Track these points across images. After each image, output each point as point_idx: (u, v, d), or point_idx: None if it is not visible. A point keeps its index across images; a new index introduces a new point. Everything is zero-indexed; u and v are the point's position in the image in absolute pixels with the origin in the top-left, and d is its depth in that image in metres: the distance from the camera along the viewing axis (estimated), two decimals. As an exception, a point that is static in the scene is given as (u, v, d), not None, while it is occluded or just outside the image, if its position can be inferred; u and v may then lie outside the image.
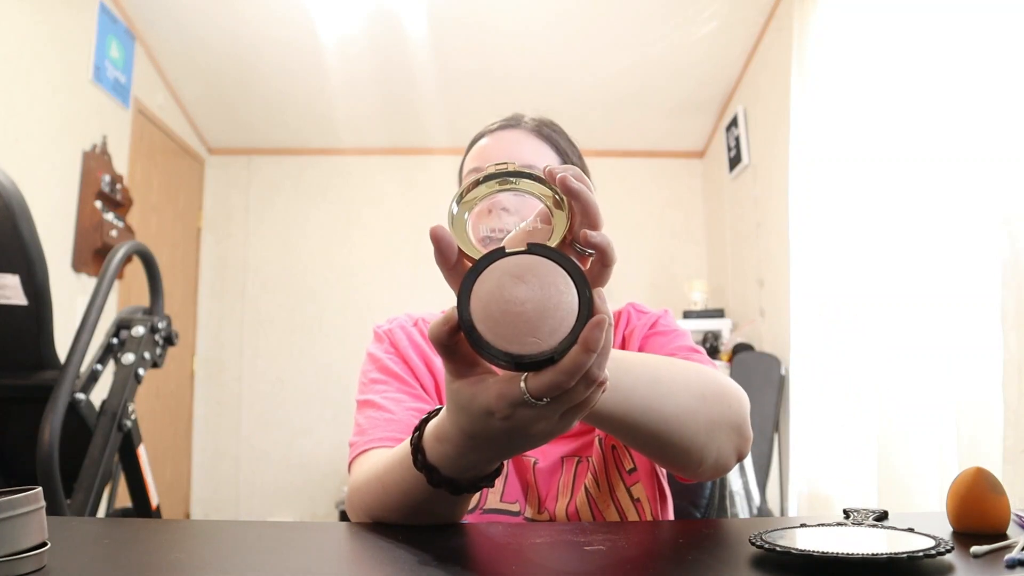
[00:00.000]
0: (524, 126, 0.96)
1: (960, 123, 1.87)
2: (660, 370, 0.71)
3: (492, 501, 0.80)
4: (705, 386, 0.73)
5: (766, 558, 0.53)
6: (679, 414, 0.69)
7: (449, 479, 0.61)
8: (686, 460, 0.72)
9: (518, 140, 0.94)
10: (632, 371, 0.68)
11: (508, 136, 0.94)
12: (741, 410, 0.75)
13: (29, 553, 0.49)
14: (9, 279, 1.39)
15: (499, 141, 0.94)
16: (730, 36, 3.60)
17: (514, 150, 0.92)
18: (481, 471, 0.61)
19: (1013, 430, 1.51)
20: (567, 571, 0.56)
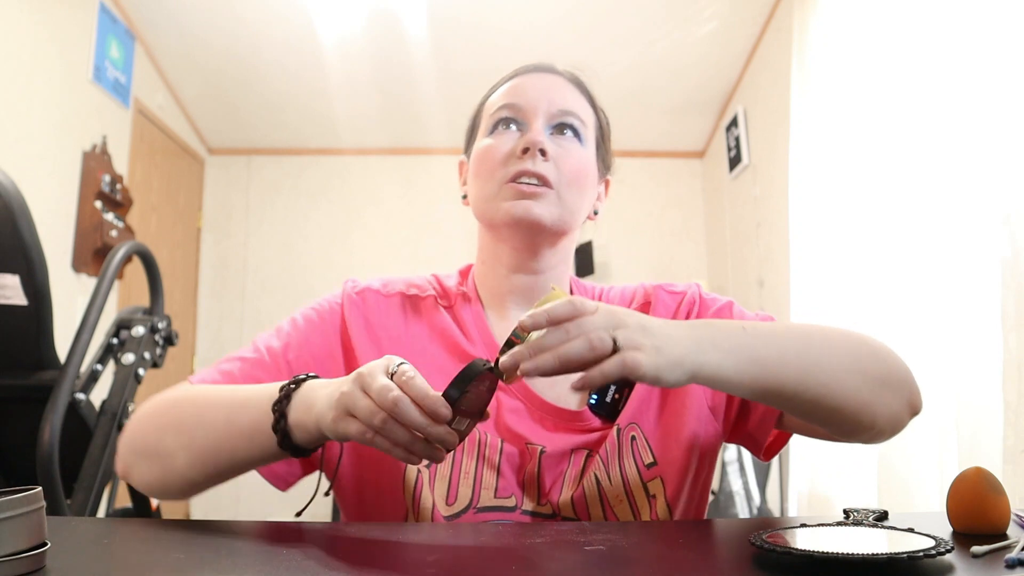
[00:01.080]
0: (561, 74, 0.90)
1: (960, 122, 1.87)
2: (810, 337, 0.70)
3: (486, 498, 0.76)
4: (858, 346, 0.73)
5: (766, 558, 0.53)
6: (839, 377, 0.69)
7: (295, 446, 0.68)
8: (856, 423, 0.71)
9: (557, 85, 0.88)
10: (776, 341, 0.67)
11: (547, 79, 0.88)
12: (900, 364, 0.74)
13: (29, 553, 0.49)
14: (9, 279, 1.39)
15: (539, 81, 0.87)
16: (730, 36, 3.60)
17: (555, 95, 0.86)
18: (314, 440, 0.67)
19: (1013, 430, 1.51)
20: (567, 571, 0.56)
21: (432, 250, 4.33)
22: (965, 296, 1.84)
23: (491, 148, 0.84)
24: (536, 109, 0.84)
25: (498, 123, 0.85)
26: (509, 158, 0.83)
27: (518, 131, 0.84)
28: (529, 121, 0.84)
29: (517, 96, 0.86)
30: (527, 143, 0.82)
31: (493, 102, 0.88)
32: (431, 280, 0.92)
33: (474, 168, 0.86)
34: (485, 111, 0.90)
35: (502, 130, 0.85)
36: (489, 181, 0.83)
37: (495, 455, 0.78)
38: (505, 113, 0.85)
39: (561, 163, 0.83)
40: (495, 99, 0.88)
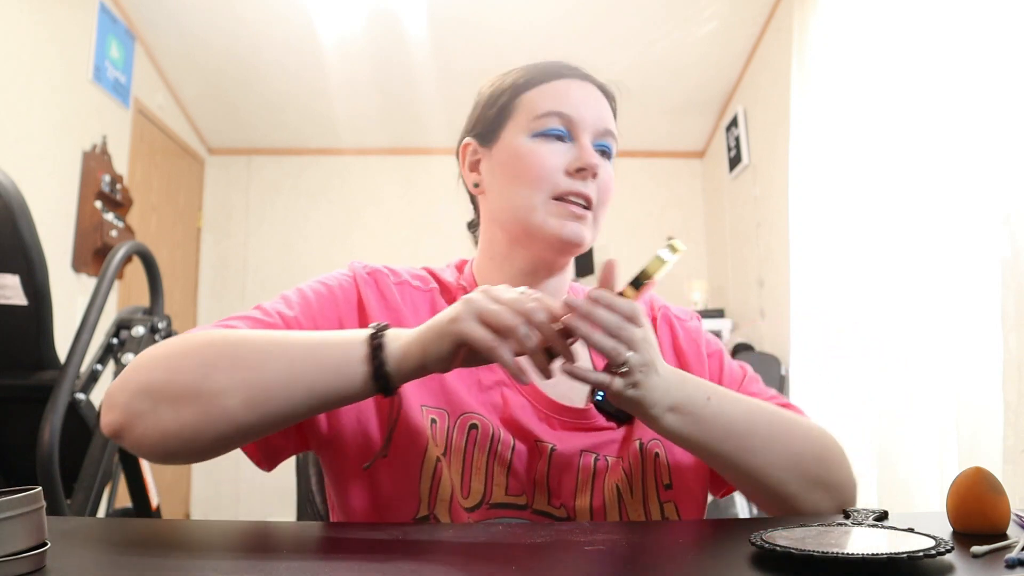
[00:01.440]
0: (599, 86, 0.89)
1: (960, 122, 1.87)
2: (761, 424, 0.77)
3: (498, 495, 0.76)
4: (805, 443, 0.79)
5: (766, 558, 0.53)
6: (772, 466, 0.76)
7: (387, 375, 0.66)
8: (778, 506, 0.78)
9: (600, 100, 0.87)
10: (729, 419, 0.74)
11: (592, 91, 0.86)
12: (841, 472, 0.81)
13: (29, 553, 0.49)
14: (9, 279, 1.39)
15: (586, 93, 0.85)
16: (730, 36, 3.60)
17: (601, 112, 0.85)
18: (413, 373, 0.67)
19: (1013, 430, 1.51)
20: (567, 571, 0.56)
21: (432, 250, 4.33)
22: (965, 296, 1.84)
23: (538, 156, 0.82)
24: (585, 124, 0.83)
25: (546, 130, 0.82)
26: (558, 173, 0.81)
27: (563, 143, 0.82)
28: (577, 136, 0.82)
29: (567, 106, 0.83)
30: (584, 163, 0.80)
31: (536, 103, 0.84)
32: (424, 275, 0.91)
33: (512, 170, 0.83)
34: (523, 106, 0.85)
35: (550, 139, 0.82)
36: (534, 191, 0.81)
37: (507, 452, 0.78)
38: (555, 123, 0.82)
39: (602, 186, 0.84)
40: (538, 100, 0.84)
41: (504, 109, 0.86)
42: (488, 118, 0.88)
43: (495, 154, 0.86)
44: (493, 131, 0.87)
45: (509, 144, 0.84)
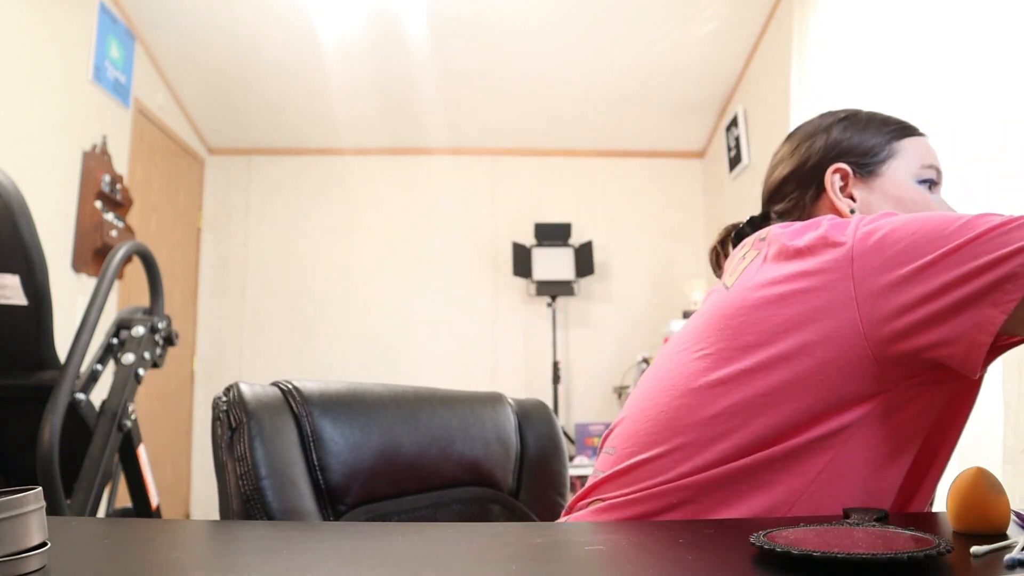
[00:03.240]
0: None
1: (960, 122, 1.87)
2: None
3: None
4: None
5: (766, 558, 0.53)
6: None
7: None
8: None
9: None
10: None
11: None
12: None
13: (29, 553, 0.49)
14: (9, 279, 1.39)
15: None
16: (730, 36, 3.60)
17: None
18: None
19: (1013, 430, 1.51)
20: (567, 571, 0.56)
21: (432, 250, 4.33)
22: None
23: (928, 200, 0.95)
24: (941, 182, 0.98)
25: (929, 180, 0.96)
26: None
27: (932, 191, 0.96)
28: (937, 189, 0.98)
29: (938, 163, 0.98)
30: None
31: (921, 153, 0.97)
32: None
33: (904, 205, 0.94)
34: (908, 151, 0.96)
35: (928, 187, 0.96)
36: None
37: None
38: (934, 175, 0.97)
39: None
40: (922, 151, 0.97)
41: (887, 150, 0.97)
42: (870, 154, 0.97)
43: (875, 186, 0.96)
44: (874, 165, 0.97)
45: (895, 181, 0.95)
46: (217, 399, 0.86)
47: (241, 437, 0.82)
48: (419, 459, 0.97)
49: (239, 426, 0.82)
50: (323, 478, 0.86)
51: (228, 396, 0.86)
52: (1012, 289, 0.63)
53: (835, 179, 0.96)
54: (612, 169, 4.57)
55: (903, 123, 1.01)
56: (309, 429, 0.87)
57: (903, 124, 1.01)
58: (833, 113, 1.04)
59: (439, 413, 1.01)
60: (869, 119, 1.02)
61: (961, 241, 0.67)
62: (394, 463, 0.94)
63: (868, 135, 0.99)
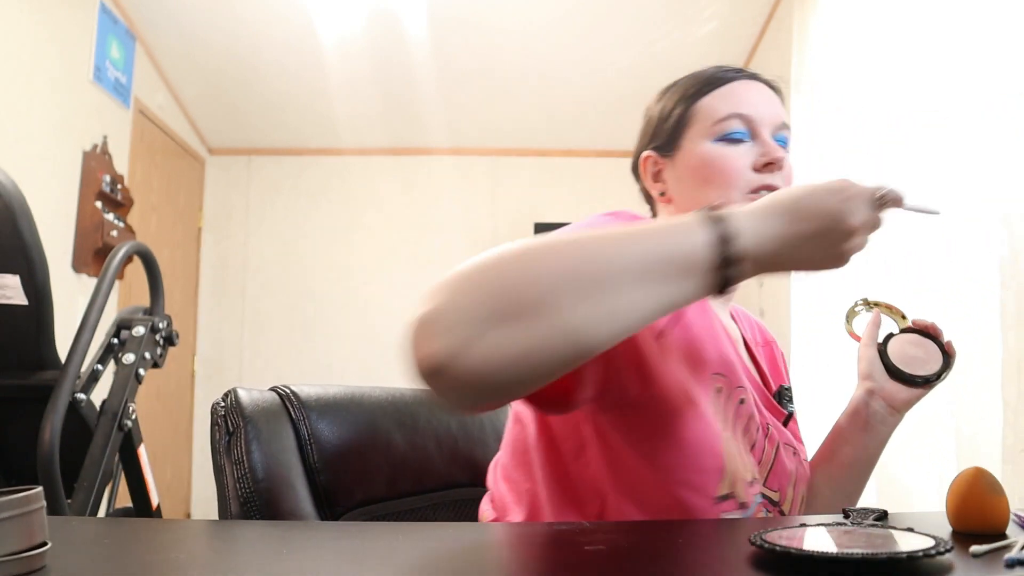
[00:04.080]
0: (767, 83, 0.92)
1: (960, 123, 1.87)
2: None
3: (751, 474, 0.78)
4: None
5: (766, 558, 0.53)
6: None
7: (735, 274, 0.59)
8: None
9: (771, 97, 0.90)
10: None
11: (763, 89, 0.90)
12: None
13: (29, 553, 0.49)
14: (9, 279, 1.39)
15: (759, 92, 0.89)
16: (730, 36, 3.60)
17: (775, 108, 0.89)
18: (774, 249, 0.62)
19: (1012, 430, 1.51)
20: (567, 571, 0.56)
21: (432, 250, 4.32)
22: (964, 295, 1.84)
23: (727, 158, 0.85)
24: (764, 121, 0.87)
25: (729, 133, 0.86)
26: (748, 171, 0.85)
27: (746, 143, 0.86)
28: (758, 132, 0.86)
29: (745, 106, 0.87)
30: (772, 158, 0.84)
31: (714, 107, 0.88)
32: None
33: (701, 174, 0.86)
34: (700, 113, 0.88)
35: (731, 142, 0.86)
36: (728, 190, 0.84)
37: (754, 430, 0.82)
38: (737, 125, 0.86)
39: (786, 176, 0.88)
40: (716, 105, 0.88)
41: (682, 119, 0.90)
42: (666, 130, 0.91)
43: (679, 162, 0.89)
44: (673, 141, 0.90)
45: (692, 151, 0.87)
46: (215, 404, 0.88)
47: (238, 441, 0.83)
48: (418, 460, 0.97)
49: (236, 430, 0.83)
50: (321, 480, 0.87)
51: (226, 401, 0.87)
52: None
53: (648, 166, 0.93)
54: (612, 169, 4.56)
55: (699, 83, 0.91)
56: (307, 432, 0.88)
57: (699, 85, 0.91)
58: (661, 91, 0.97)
59: (438, 414, 1.01)
60: (670, 90, 0.95)
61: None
62: (393, 464, 0.94)
63: (667, 109, 0.93)
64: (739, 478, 0.74)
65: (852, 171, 2.46)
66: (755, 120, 0.86)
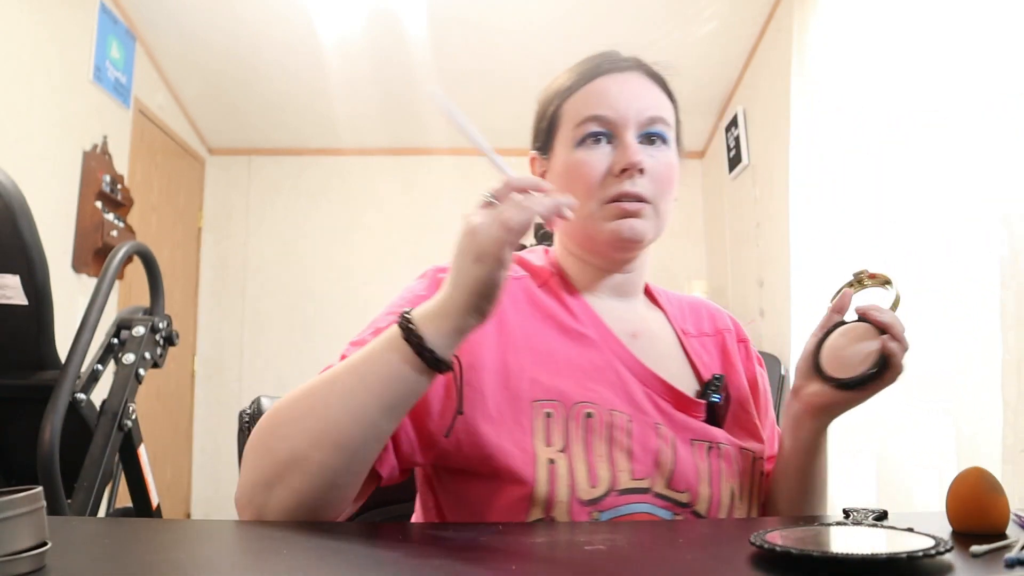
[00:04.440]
0: (638, 68, 0.87)
1: (959, 123, 1.87)
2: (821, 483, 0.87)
3: (624, 480, 0.76)
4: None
5: (766, 558, 0.53)
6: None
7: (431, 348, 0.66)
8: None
9: (639, 86, 0.85)
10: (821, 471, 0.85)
11: (629, 80, 0.85)
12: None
13: (29, 553, 0.49)
14: (9, 279, 1.39)
15: (623, 85, 0.84)
16: (730, 36, 3.60)
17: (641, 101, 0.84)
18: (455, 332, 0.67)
19: (1012, 430, 1.51)
20: (567, 571, 0.56)
21: (432, 250, 4.32)
22: (964, 295, 1.84)
23: (584, 165, 0.82)
24: (626, 120, 0.83)
25: (586, 136, 0.83)
26: (606, 177, 0.82)
27: (608, 144, 0.83)
28: (619, 133, 0.83)
29: (603, 106, 0.83)
30: (626, 164, 0.81)
31: (576, 110, 0.85)
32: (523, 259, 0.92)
33: (565, 183, 0.84)
34: (566, 115, 0.86)
35: (592, 144, 0.83)
36: (587, 200, 0.82)
37: (624, 436, 0.78)
38: (594, 127, 0.83)
39: (656, 175, 0.83)
40: (578, 106, 0.85)
41: (552, 121, 0.88)
42: (542, 131, 0.90)
43: (553, 166, 0.88)
44: (548, 143, 0.89)
45: (560, 156, 0.86)
46: (242, 412, 0.97)
47: None
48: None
49: None
50: None
51: (251, 408, 0.95)
52: None
53: (535, 168, 0.91)
54: (612, 169, 4.57)
55: (570, 80, 0.87)
56: None
57: (569, 83, 0.87)
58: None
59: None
60: (548, 90, 0.91)
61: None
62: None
63: (542, 109, 0.90)
64: (558, 501, 0.73)
65: (852, 171, 2.47)
66: (615, 121, 0.83)
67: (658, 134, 0.84)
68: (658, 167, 0.83)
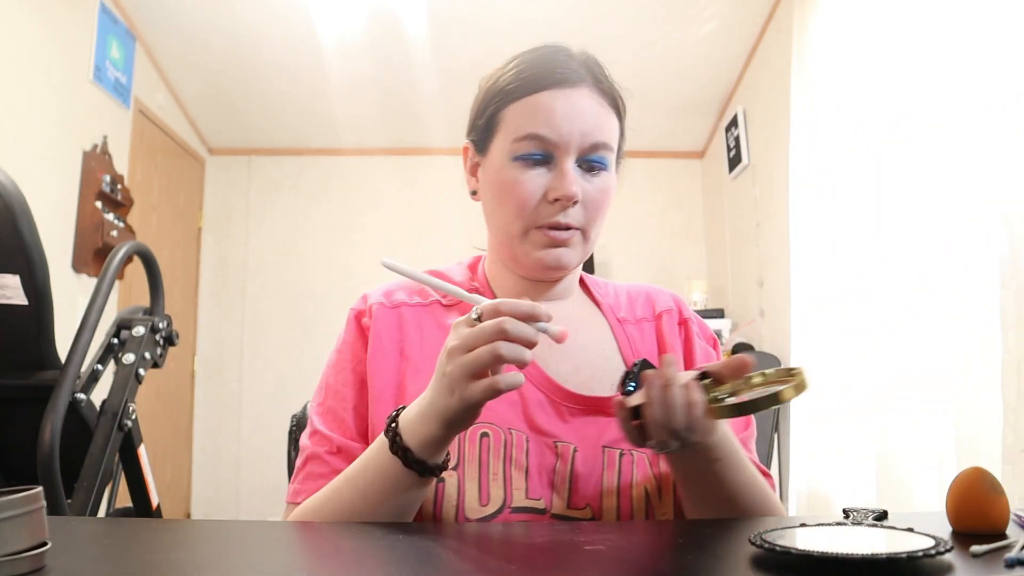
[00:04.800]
0: (587, 83, 0.81)
1: (959, 123, 1.87)
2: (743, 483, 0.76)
3: (518, 499, 0.76)
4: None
5: (766, 558, 0.53)
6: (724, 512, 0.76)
7: (419, 460, 0.69)
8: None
9: (586, 107, 0.79)
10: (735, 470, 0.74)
11: (576, 99, 0.79)
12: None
13: (29, 553, 0.49)
14: (9, 279, 1.39)
15: (569, 105, 0.78)
16: (730, 36, 3.60)
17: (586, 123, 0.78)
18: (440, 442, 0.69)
19: (1012, 430, 1.51)
20: (567, 571, 0.56)
21: (432, 250, 4.32)
22: (964, 296, 1.84)
23: (517, 185, 0.79)
24: (567, 145, 0.78)
25: (524, 155, 0.79)
26: (539, 202, 0.79)
27: (545, 166, 0.79)
28: (558, 157, 0.79)
29: (546, 126, 0.78)
30: (560, 195, 0.78)
31: (517, 121, 0.80)
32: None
33: (496, 193, 0.82)
34: (506, 122, 0.81)
35: (528, 164, 0.79)
36: (514, 220, 0.81)
37: (522, 455, 0.78)
38: (534, 147, 0.78)
39: (590, 203, 0.80)
40: (519, 118, 0.80)
41: (492, 121, 0.83)
42: (480, 127, 0.85)
43: (485, 167, 0.84)
44: (484, 141, 0.85)
45: (495, 163, 0.82)
46: (294, 415, 1.09)
47: None
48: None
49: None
50: None
51: (300, 412, 1.07)
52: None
53: (468, 157, 0.88)
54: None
55: (515, 82, 0.81)
56: None
57: (514, 85, 0.81)
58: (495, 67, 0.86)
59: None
60: (491, 83, 0.85)
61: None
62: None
63: (483, 106, 0.85)
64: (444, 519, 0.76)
65: (852, 171, 2.47)
66: (556, 144, 0.78)
67: (598, 161, 0.80)
68: (593, 194, 0.80)
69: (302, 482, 0.82)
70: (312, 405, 0.88)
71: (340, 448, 0.82)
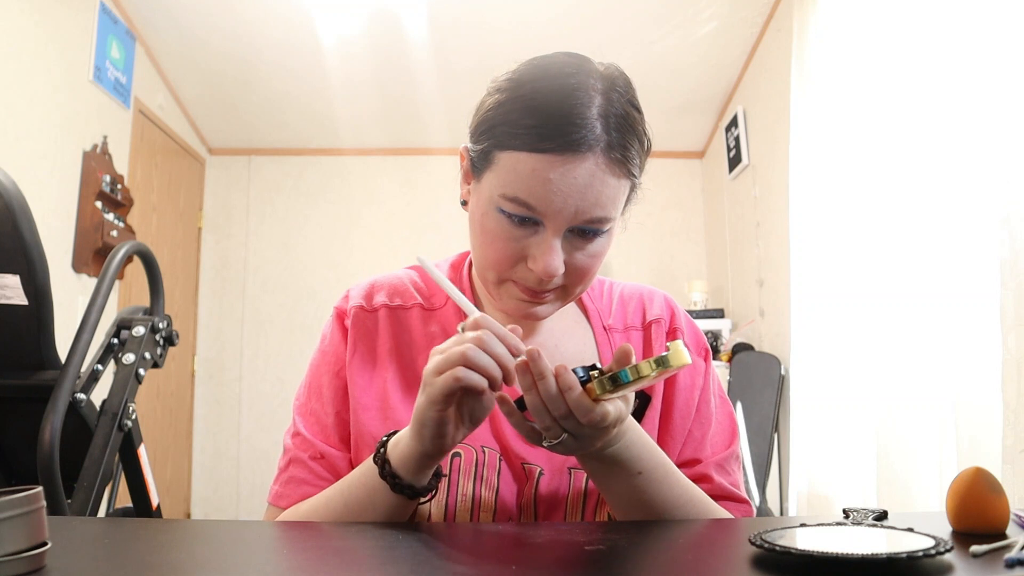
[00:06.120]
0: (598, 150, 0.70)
1: (959, 123, 1.87)
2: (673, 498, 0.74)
3: (484, 521, 0.77)
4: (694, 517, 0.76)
5: (766, 558, 0.53)
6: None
7: (408, 485, 0.70)
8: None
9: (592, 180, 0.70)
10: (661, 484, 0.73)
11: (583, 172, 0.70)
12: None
13: (29, 553, 0.49)
14: (9, 279, 1.39)
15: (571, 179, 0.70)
16: (730, 36, 3.60)
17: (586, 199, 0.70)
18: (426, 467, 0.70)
19: (1012, 430, 1.51)
20: (567, 571, 0.56)
21: (432, 250, 4.31)
22: (964, 296, 1.84)
23: (499, 240, 0.74)
24: (558, 220, 0.71)
25: (509, 212, 0.72)
26: (517, 263, 0.74)
27: (532, 227, 0.73)
28: (546, 226, 0.72)
29: (538, 197, 0.70)
30: (538, 269, 0.72)
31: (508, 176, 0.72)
32: (407, 287, 0.89)
33: (479, 230, 0.77)
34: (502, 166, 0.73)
35: (513, 221, 0.72)
36: (490, 269, 0.77)
37: (493, 475, 0.78)
38: (517, 211, 0.71)
39: (575, 269, 0.75)
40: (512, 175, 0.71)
41: (487, 154, 0.75)
42: (476, 151, 0.77)
43: (476, 192, 0.78)
44: (479, 168, 0.77)
45: (482, 198, 0.75)
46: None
47: None
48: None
49: None
50: None
51: None
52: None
53: (464, 162, 0.81)
54: (612, 169, 4.56)
55: (520, 121, 0.71)
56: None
57: (516, 127, 0.71)
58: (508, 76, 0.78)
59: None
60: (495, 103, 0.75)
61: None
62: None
63: (483, 124, 0.76)
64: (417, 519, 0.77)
65: (852, 171, 2.47)
66: (544, 214, 0.71)
67: (592, 232, 0.74)
68: (581, 260, 0.75)
69: (284, 485, 0.83)
70: (295, 403, 0.87)
71: (323, 455, 0.82)
